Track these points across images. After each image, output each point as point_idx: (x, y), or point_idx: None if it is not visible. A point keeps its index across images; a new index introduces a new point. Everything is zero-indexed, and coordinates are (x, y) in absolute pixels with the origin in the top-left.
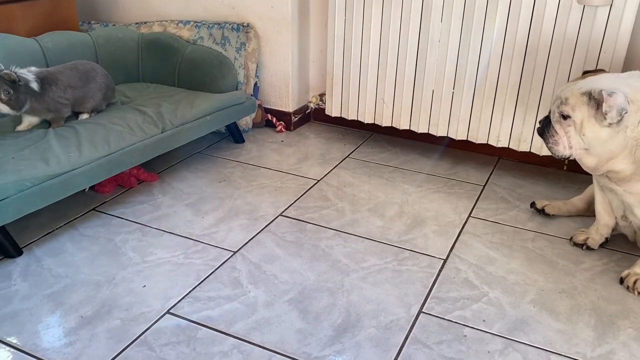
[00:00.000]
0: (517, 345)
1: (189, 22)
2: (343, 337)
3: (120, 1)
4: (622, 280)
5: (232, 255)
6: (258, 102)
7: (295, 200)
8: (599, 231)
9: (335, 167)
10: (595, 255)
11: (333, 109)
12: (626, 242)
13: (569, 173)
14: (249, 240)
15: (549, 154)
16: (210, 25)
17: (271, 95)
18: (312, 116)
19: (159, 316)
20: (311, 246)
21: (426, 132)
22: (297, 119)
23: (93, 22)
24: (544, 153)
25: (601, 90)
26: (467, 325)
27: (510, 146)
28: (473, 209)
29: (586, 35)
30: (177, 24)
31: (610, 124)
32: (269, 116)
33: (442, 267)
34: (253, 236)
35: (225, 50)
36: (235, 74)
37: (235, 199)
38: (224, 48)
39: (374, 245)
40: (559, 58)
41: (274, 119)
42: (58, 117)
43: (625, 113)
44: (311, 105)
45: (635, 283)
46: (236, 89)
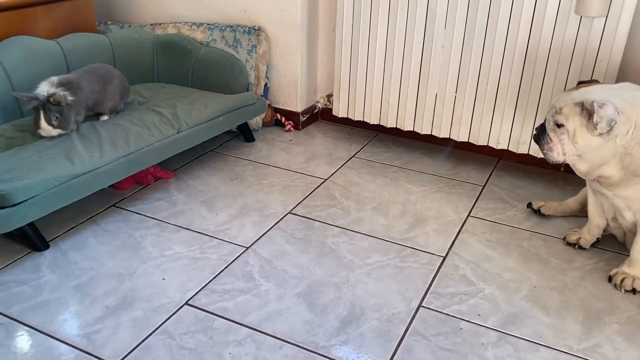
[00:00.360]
0: (510, 338)
1: (202, 25)
2: (348, 328)
3: (136, 2)
4: (611, 279)
5: (245, 251)
6: (268, 102)
7: (303, 199)
8: (590, 231)
9: (341, 167)
10: (586, 255)
11: (340, 110)
12: (616, 242)
13: (565, 174)
14: (260, 237)
15: None
16: (222, 27)
17: (280, 96)
18: (320, 116)
19: (178, 307)
20: (318, 243)
21: (429, 134)
22: (305, 118)
23: (109, 23)
24: (542, 155)
25: (593, 102)
26: (464, 319)
27: (509, 148)
28: (472, 208)
29: (583, 44)
30: (191, 26)
31: (601, 133)
32: (278, 116)
33: (442, 264)
34: (264, 233)
35: (237, 52)
36: (247, 75)
37: (246, 197)
38: (236, 50)
39: (377, 242)
40: (556, 65)
41: (283, 119)
42: (76, 122)
43: (614, 124)
44: (319, 105)
45: (622, 281)
46: (247, 89)
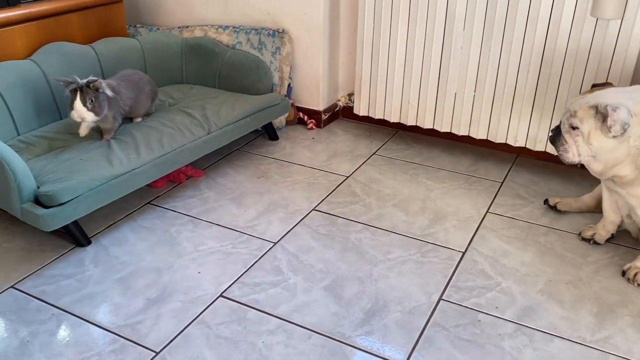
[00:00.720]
0: (525, 329)
1: (228, 27)
2: (372, 320)
3: (164, 6)
4: (624, 273)
5: (273, 246)
6: (291, 102)
7: (326, 196)
8: (605, 227)
9: (362, 164)
10: (601, 250)
11: (361, 109)
12: (630, 238)
13: (582, 171)
14: (286, 233)
15: None
16: (247, 30)
17: (303, 95)
18: (341, 114)
19: (214, 299)
20: (342, 239)
21: (449, 131)
22: (327, 117)
23: (139, 26)
24: None
25: (606, 106)
26: (482, 311)
27: (527, 146)
28: (491, 205)
29: (598, 46)
30: (217, 29)
31: (615, 136)
32: (301, 114)
33: (461, 259)
34: (290, 229)
35: (261, 54)
36: (271, 76)
37: (272, 194)
38: (261, 52)
39: (398, 238)
40: (572, 66)
41: (306, 117)
42: (111, 128)
43: (627, 127)
44: (340, 104)
45: (635, 275)
46: (271, 90)
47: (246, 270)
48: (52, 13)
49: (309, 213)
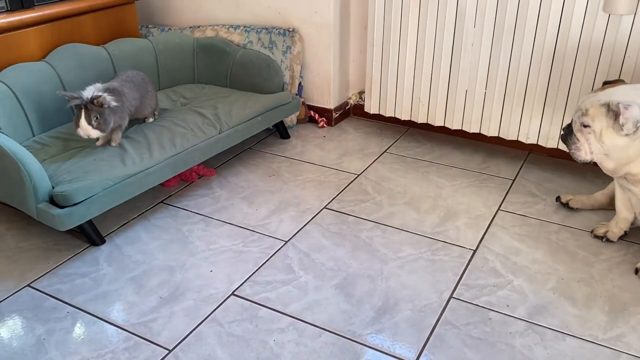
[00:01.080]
0: (537, 327)
1: (238, 27)
2: (383, 318)
3: (176, 6)
4: (637, 271)
5: (284, 245)
6: (302, 100)
7: (337, 194)
8: (618, 225)
9: (373, 162)
10: (614, 247)
11: (372, 106)
12: None
13: (595, 168)
14: (297, 231)
15: None
16: (258, 30)
17: (314, 94)
18: (352, 112)
19: (225, 297)
20: (353, 237)
21: (460, 129)
22: (338, 115)
23: (151, 26)
24: None
25: (618, 103)
26: (493, 310)
27: (538, 143)
28: (502, 202)
29: (611, 42)
30: (228, 29)
31: (627, 134)
32: (312, 113)
33: (472, 257)
34: (301, 227)
35: (272, 53)
36: (282, 75)
37: (284, 193)
38: (272, 51)
39: (409, 236)
40: (584, 63)
41: (317, 116)
42: (118, 135)
43: None
44: (351, 102)
45: None
46: (282, 89)
47: (257, 269)
48: (66, 15)
49: (320, 211)
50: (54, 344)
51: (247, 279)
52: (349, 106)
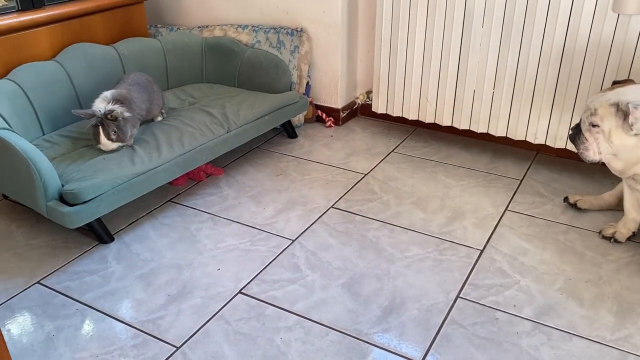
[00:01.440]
0: (543, 327)
1: (247, 27)
2: (389, 317)
3: (184, 6)
4: None
5: (291, 244)
6: (309, 100)
7: (344, 194)
8: (626, 225)
9: (380, 162)
10: (622, 248)
11: (379, 106)
12: None
13: (603, 168)
14: (304, 230)
15: None
16: (266, 29)
17: (321, 93)
18: (359, 111)
19: (233, 295)
20: (360, 236)
21: (467, 129)
22: (345, 114)
23: (159, 26)
24: None
25: (628, 103)
26: (499, 310)
27: (546, 143)
28: (510, 202)
29: (620, 42)
30: (237, 29)
31: (636, 134)
32: (319, 112)
33: (479, 257)
34: (308, 226)
35: (280, 53)
36: (290, 75)
37: (291, 192)
38: (280, 51)
39: (416, 236)
40: (593, 63)
41: (324, 115)
42: (130, 139)
43: None
44: (358, 101)
45: None
46: (290, 89)
47: (265, 267)
48: (76, 14)
49: (327, 211)
50: (63, 341)
51: (254, 277)
52: (356, 106)
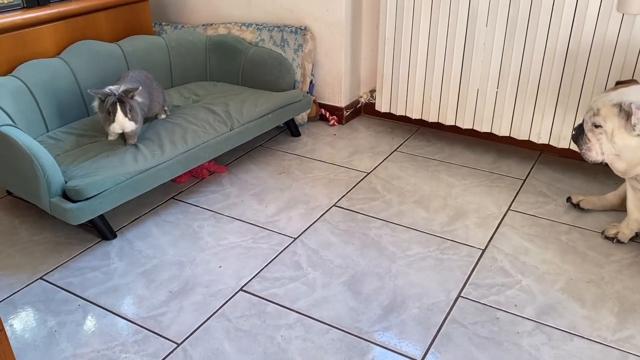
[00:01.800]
0: (544, 327)
1: (251, 25)
2: (390, 316)
3: (189, 4)
4: None
5: (293, 241)
6: (313, 98)
7: (347, 192)
8: (629, 226)
9: (383, 160)
10: (624, 249)
11: (383, 105)
12: None
13: (606, 169)
14: (306, 228)
15: None
16: (270, 28)
17: (325, 92)
18: (363, 110)
19: (234, 293)
20: (361, 235)
21: (471, 128)
22: (349, 113)
23: (164, 24)
24: None
25: (631, 103)
26: (500, 309)
27: (550, 143)
28: (512, 202)
29: (624, 42)
30: (241, 27)
31: (639, 134)
32: (323, 111)
33: (481, 257)
34: (310, 224)
35: (284, 51)
36: (293, 73)
37: (293, 190)
38: (283, 49)
39: (418, 235)
40: (597, 63)
41: (327, 114)
42: (136, 132)
43: None
44: (362, 100)
45: None
46: (293, 87)
47: (266, 265)
48: (80, 12)
49: (329, 209)
50: (65, 336)
51: (256, 274)
52: (360, 104)
